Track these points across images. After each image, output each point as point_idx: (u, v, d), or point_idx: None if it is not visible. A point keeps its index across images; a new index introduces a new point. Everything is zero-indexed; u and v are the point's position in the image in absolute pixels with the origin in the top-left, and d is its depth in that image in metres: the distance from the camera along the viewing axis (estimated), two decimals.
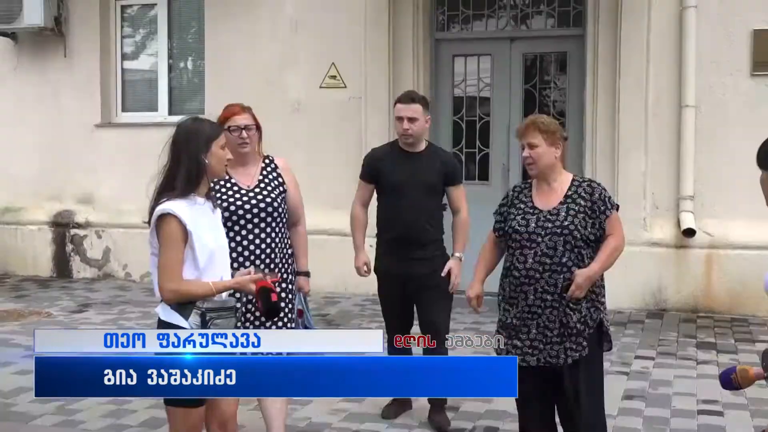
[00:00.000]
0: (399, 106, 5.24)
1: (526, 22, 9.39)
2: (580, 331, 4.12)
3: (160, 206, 3.52)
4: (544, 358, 4.15)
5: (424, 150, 5.29)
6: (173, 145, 3.64)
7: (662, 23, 8.50)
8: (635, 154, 8.58)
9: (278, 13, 9.69)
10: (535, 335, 4.16)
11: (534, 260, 4.13)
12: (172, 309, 3.52)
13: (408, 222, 5.15)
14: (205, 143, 3.60)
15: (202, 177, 3.61)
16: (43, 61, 10.63)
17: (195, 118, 3.82)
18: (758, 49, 8.29)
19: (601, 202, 4.18)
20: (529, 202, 4.27)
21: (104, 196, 10.52)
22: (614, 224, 4.20)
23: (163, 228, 3.50)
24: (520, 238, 4.19)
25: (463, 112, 9.42)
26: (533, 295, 4.14)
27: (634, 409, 5.56)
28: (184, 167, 3.57)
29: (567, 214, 4.13)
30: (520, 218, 4.22)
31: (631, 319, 8.23)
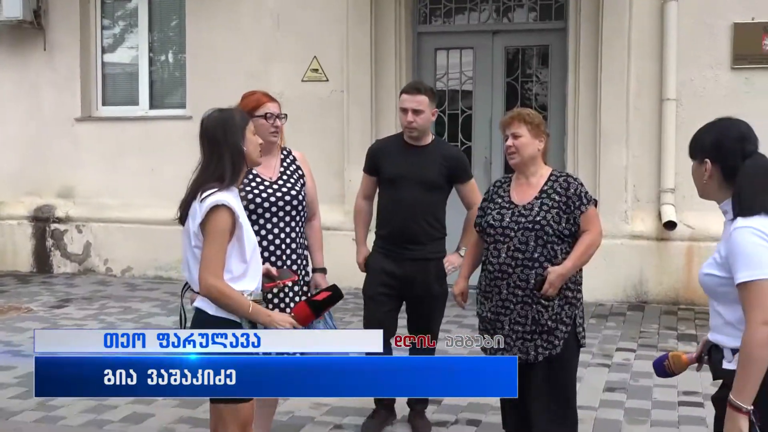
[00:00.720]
0: (404, 96, 4.93)
1: (508, 15, 9.40)
2: (552, 329, 4.13)
3: (212, 198, 3.34)
4: (517, 352, 4.14)
5: (428, 144, 4.99)
6: (209, 138, 3.48)
7: (643, 17, 8.54)
8: (616, 147, 8.61)
9: (260, 7, 9.66)
10: (508, 331, 4.18)
11: (507, 255, 4.15)
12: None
13: (403, 218, 4.87)
14: (241, 131, 3.50)
15: (244, 165, 3.52)
16: (23, 54, 10.56)
17: (220, 108, 3.68)
18: (738, 42, 8.34)
19: (576, 197, 4.18)
20: (507, 196, 4.28)
21: (85, 191, 10.47)
22: (590, 220, 4.17)
23: (215, 220, 3.35)
24: (494, 232, 4.21)
25: (446, 106, 9.42)
26: (506, 290, 4.16)
27: (616, 401, 5.59)
28: (228, 158, 3.43)
29: (540, 209, 4.14)
30: (495, 213, 4.24)
31: (613, 311, 8.27)
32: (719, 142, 2.88)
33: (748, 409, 2.66)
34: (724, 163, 2.86)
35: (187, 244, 3.50)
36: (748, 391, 2.66)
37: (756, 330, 2.65)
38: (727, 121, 2.99)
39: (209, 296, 3.40)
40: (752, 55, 8.33)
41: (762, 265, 2.69)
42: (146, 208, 10.14)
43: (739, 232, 2.74)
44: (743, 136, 2.88)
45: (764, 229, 2.73)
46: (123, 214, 10.25)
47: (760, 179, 2.80)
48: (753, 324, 2.66)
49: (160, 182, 10.09)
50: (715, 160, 2.87)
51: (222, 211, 3.35)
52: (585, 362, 6.38)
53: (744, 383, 2.67)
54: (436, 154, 4.96)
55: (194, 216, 3.41)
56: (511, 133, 4.24)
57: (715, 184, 2.91)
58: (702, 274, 2.92)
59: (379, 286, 4.93)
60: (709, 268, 2.87)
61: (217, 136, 3.46)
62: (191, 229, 3.43)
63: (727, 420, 2.72)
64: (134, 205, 10.22)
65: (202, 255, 3.39)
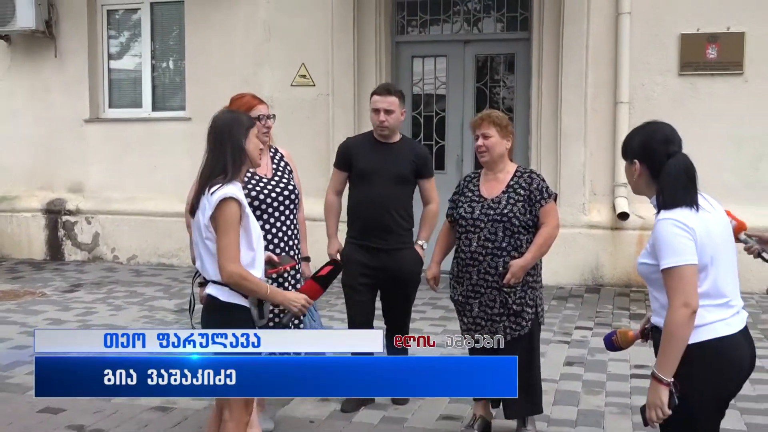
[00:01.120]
0: (376, 98, 4.84)
1: (478, 26, 9.40)
2: (518, 311, 4.16)
3: (220, 191, 3.28)
4: (485, 334, 4.17)
5: (398, 141, 4.91)
6: (216, 134, 3.44)
7: (600, 28, 8.56)
8: (575, 146, 8.64)
9: (252, 18, 9.63)
10: (477, 313, 4.21)
11: (477, 244, 4.18)
12: (233, 291, 3.33)
13: (377, 209, 4.76)
14: (245, 131, 3.45)
15: (245, 162, 3.44)
16: (35, 61, 10.48)
17: (229, 110, 3.68)
18: (685, 51, 8.38)
19: (537, 192, 4.21)
20: (476, 190, 4.31)
21: (93, 186, 10.42)
22: (548, 213, 4.19)
23: (224, 212, 3.28)
24: (465, 223, 4.24)
25: (421, 108, 9.43)
26: (476, 276, 4.19)
27: (575, 374, 5.63)
28: (230, 154, 3.38)
29: (507, 203, 4.17)
30: (467, 206, 4.27)
31: (572, 293, 8.31)
32: (646, 144, 2.91)
33: (668, 381, 2.70)
34: (651, 163, 2.88)
35: (198, 237, 3.42)
36: (669, 366, 2.70)
37: (677, 311, 2.68)
38: (653, 124, 3.02)
39: (231, 282, 3.31)
40: (697, 63, 8.37)
41: (681, 253, 2.71)
42: (149, 201, 10.11)
43: (661, 224, 2.77)
44: (667, 138, 2.91)
45: (684, 220, 2.75)
46: (128, 206, 10.21)
47: (681, 176, 2.82)
48: (674, 306, 2.69)
49: (161, 178, 10.06)
50: (642, 161, 2.90)
51: (230, 203, 3.29)
52: (547, 339, 6.42)
53: (666, 358, 2.71)
54: (406, 151, 4.90)
55: (204, 210, 3.34)
56: (482, 134, 4.25)
57: (643, 182, 2.93)
58: (638, 263, 2.95)
59: (359, 276, 4.83)
60: (643, 257, 2.90)
61: (222, 132, 3.43)
62: (201, 222, 3.36)
63: (650, 390, 2.75)
64: (138, 198, 10.18)
65: (219, 245, 3.31)
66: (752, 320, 7.18)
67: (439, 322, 6.90)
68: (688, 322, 2.68)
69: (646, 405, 2.77)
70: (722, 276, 2.82)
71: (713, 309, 2.77)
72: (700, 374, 2.73)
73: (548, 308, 7.61)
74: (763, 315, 7.42)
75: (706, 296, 2.75)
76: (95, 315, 7.44)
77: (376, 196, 4.78)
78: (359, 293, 4.88)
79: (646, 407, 2.77)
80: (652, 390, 2.74)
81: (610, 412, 4.87)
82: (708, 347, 2.74)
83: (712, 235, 2.79)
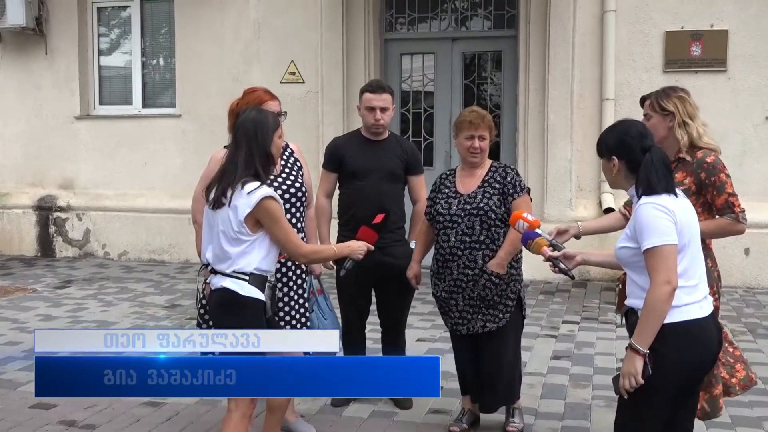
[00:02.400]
0: (370, 95, 4.68)
1: (465, 23, 9.40)
2: (497, 302, 4.18)
3: (259, 191, 3.41)
4: (473, 326, 4.23)
5: (387, 138, 4.78)
6: (243, 135, 3.52)
7: (585, 25, 8.58)
8: (562, 142, 8.66)
9: (242, 15, 9.60)
10: (463, 306, 4.22)
11: (456, 239, 4.19)
12: (250, 284, 3.43)
13: (370, 207, 4.45)
14: (271, 134, 3.54)
15: (272, 165, 3.58)
16: (26, 58, 10.41)
17: (258, 109, 3.74)
18: (670, 48, 8.41)
19: (510, 185, 4.23)
20: (453, 187, 4.32)
21: (84, 182, 10.37)
22: (521, 206, 4.12)
23: (270, 207, 3.44)
24: (443, 219, 4.25)
25: (410, 105, 9.43)
26: (457, 271, 4.20)
27: (562, 368, 5.63)
28: (258, 159, 3.49)
29: (483, 197, 4.18)
30: (443, 202, 4.28)
31: (559, 288, 8.33)
32: (622, 140, 3.05)
33: (645, 352, 2.83)
34: (628, 158, 3.02)
35: (221, 230, 3.47)
36: (646, 338, 2.83)
37: (659, 287, 2.81)
38: (625, 122, 3.17)
39: (311, 262, 3.76)
40: (681, 60, 8.41)
41: (663, 233, 2.84)
42: (140, 198, 10.07)
43: (643, 207, 2.90)
44: (641, 134, 3.05)
45: (664, 203, 2.89)
46: (119, 203, 10.16)
47: (660, 166, 2.96)
48: (656, 282, 2.82)
49: (152, 174, 10.03)
50: (620, 156, 3.04)
51: (271, 201, 3.44)
52: (534, 333, 6.43)
53: (644, 331, 2.84)
54: (396, 148, 4.80)
55: (236, 208, 3.42)
56: (479, 136, 4.26)
57: (621, 176, 3.06)
58: (617, 248, 3.05)
59: (353, 275, 4.59)
60: (623, 242, 3.01)
61: (249, 133, 3.51)
62: (233, 219, 3.43)
63: (626, 361, 2.88)
64: (129, 195, 10.14)
65: (278, 239, 3.48)
66: (736, 314, 7.22)
67: (428, 317, 6.91)
68: (669, 298, 2.81)
69: (621, 374, 2.90)
70: (695, 260, 2.96)
71: (689, 290, 2.91)
72: (672, 353, 2.85)
73: (535, 303, 7.62)
74: (747, 309, 7.45)
75: (682, 277, 2.87)
76: (86, 311, 7.41)
77: (369, 194, 4.65)
78: (354, 292, 4.81)
79: (621, 376, 2.90)
80: (628, 360, 2.87)
81: (597, 405, 4.89)
82: (681, 328, 2.87)
83: (688, 220, 2.95)
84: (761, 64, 8.30)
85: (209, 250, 3.55)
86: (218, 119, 9.56)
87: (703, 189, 3.63)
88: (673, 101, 3.77)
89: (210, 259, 3.55)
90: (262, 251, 3.47)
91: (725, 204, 3.61)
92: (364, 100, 4.75)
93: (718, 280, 3.76)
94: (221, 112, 10.88)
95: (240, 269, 3.44)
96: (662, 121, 3.75)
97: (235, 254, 3.44)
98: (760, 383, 5.19)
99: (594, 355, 5.87)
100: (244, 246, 3.44)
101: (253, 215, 3.41)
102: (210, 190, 3.56)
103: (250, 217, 3.41)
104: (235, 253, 3.44)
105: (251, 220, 3.42)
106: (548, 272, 8.52)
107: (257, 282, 3.46)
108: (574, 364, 5.72)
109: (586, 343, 6.23)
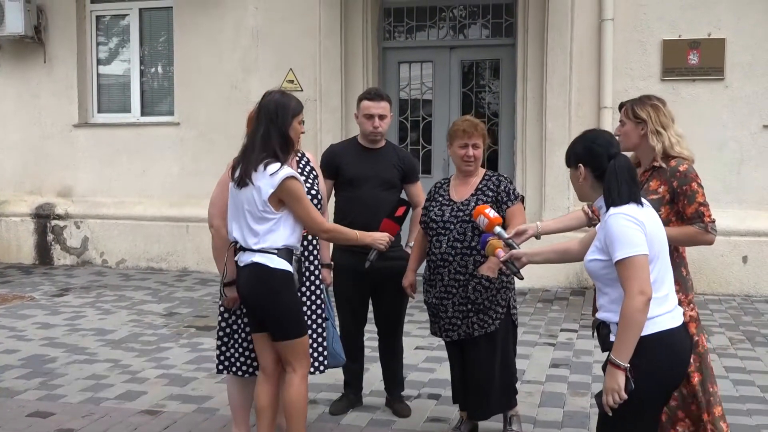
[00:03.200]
0: (369, 103, 4.69)
1: (463, 32, 9.41)
2: (487, 308, 4.17)
3: (281, 172, 3.60)
4: (463, 332, 4.22)
5: (383, 147, 4.81)
6: (265, 114, 3.71)
7: (583, 34, 8.59)
8: (560, 151, 8.60)
9: (241, 24, 9.61)
10: (452, 313, 4.22)
11: (447, 245, 4.20)
12: (279, 257, 3.63)
13: (366, 214, 4.51)
14: (291, 118, 3.73)
15: (291, 148, 3.75)
16: (25, 66, 10.42)
17: (282, 91, 3.89)
18: (667, 57, 8.43)
19: (504, 193, 4.25)
20: (446, 195, 4.35)
21: (82, 190, 10.36)
22: (515, 214, 4.19)
23: (293, 187, 3.63)
24: (436, 226, 4.26)
25: (408, 113, 9.44)
26: (447, 277, 4.20)
27: (560, 376, 5.63)
28: (277, 142, 3.66)
29: (476, 204, 4.18)
30: (437, 209, 4.30)
31: (557, 296, 8.32)
32: (589, 148, 3.02)
33: (625, 366, 2.78)
34: (595, 165, 2.98)
35: (246, 209, 3.66)
36: (626, 351, 2.78)
37: (634, 298, 2.77)
38: (593, 131, 3.19)
39: (330, 238, 3.94)
40: (679, 68, 8.42)
41: (634, 244, 2.81)
42: (138, 206, 10.07)
43: (612, 218, 2.87)
44: (608, 142, 3.04)
45: (633, 214, 2.86)
46: (117, 211, 10.15)
47: (625, 174, 2.92)
48: (631, 294, 2.78)
49: (150, 182, 10.03)
50: (586, 164, 3.00)
51: (294, 181, 3.63)
52: (532, 341, 6.43)
53: (623, 344, 2.79)
54: (392, 156, 4.83)
55: (260, 189, 3.60)
56: (473, 144, 4.28)
57: (588, 185, 3.04)
58: (587, 261, 3.02)
59: (350, 283, 4.73)
60: (592, 254, 2.98)
61: (270, 113, 3.69)
62: (257, 198, 3.61)
63: (608, 377, 2.83)
64: (127, 203, 10.13)
65: (301, 216, 3.68)
66: (734, 322, 7.21)
67: (426, 325, 6.88)
68: (644, 308, 2.78)
69: (604, 391, 2.85)
70: (664, 270, 2.94)
71: (660, 301, 2.88)
72: (649, 366, 2.82)
73: (533, 311, 7.61)
74: (745, 317, 7.45)
75: (654, 288, 2.83)
76: (84, 319, 7.39)
77: (366, 202, 4.66)
78: (351, 300, 4.81)
79: (603, 393, 2.85)
80: (609, 376, 2.82)
81: (595, 413, 4.82)
82: (655, 340, 2.84)
83: (656, 231, 2.92)
84: (758, 73, 8.31)
85: (235, 228, 3.72)
86: (217, 127, 9.62)
87: (675, 198, 3.63)
88: (646, 109, 3.79)
89: (237, 236, 3.71)
90: (287, 228, 3.67)
91: (695, 213, 3.60)
92: (362, 107, 4.76)
93: (692, 289, 3.74)
94: (220, 119, 10.97)
95: (269, 246, 3.64)
96: (635, 129, 3.78)
97: (262, 231, 3.63)
98: (758, 392, 5.20)
99: (592, 363, 5.85)
100: (270, 224, 3.63)
101: (276, 195, 3.60)
102: (235, 170, 3.71)
103: (273, 197, 3.60)
104: (262, 230, 3.64)
105: (275, 199, 3.61)
106: (546, 280, 8.62)
107: (285, 255, 3.66)
108: (572, 372, 5.70)
109: (584, 351, 6.22)
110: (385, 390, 4.99)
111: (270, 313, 3.70)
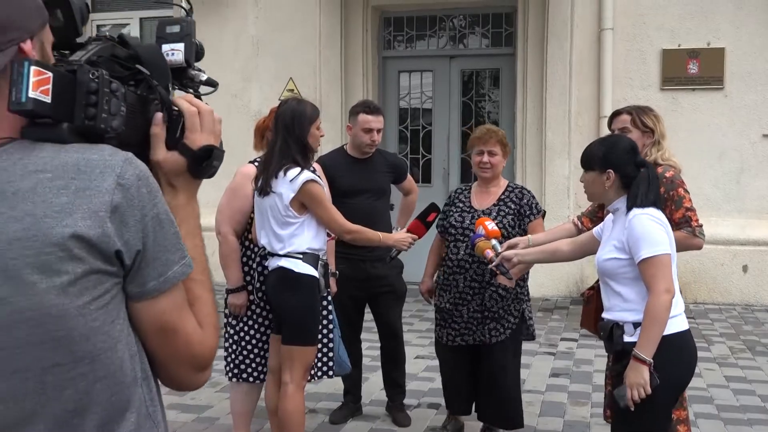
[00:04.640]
0: (368, 117, 4.65)
1: (463, 41, 9.43)
2: (500, 316, 4.18)
3: (301, 176, 3.66)
4: (478, 337, 4.23)
5: (372, 155, 4.81)
6: (282, 124, 3.77)
7: (583, 43, 8.61)
8: (559, 160, 8.67)
9: (241, 33, 9.63)
10: (468, 318, 4.22)
11: (465, 252, 4.21)
12: (304, 262, 3.70)
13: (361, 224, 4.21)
14: (308, 125, 3.78)
15: (309, 154, 3.82)
16: None
17: (298, 99, 3.94)
18: (666, 66, 8.45)
19: (527, 207, 4.27)
20: (468, 202, 4.35)
21: None
22: (536, 228, 4.24)
23: (315, 191, 3.71)
24: (455, 232, 4.27)
25: (408, 122, 9.45)
26: (463, 283, 4.21)
27: (560, 385, 5.62)
28: (295, 147, 3.73)
29: (497, 214, 4.20)
30: (457, 215, 4.31)
31: (557, 305, 8.32)
32: (618, 155, 3.08)
33: (650, 361, 2.85)
34: (623, 172, 3.06)
35: (270, 215, 3.74)
36: (651, 347, 2.85)
37: (659, 296, 2.85)
38: (614, 137, 3.33)
39: (354, 240, 3.96)
40: (678, 78, 8.43)
41: (659, 243, 2.90)
42: None
43: (637, 219, 2.94)
44: (633, 148, 3.13)
45: (658, 215, 2.96)
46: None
47: (656, 182, 3.04)
48: (657, 292, 2.85)
49: None
50: (617, 170, 3.06)
51: (314, 184, 3.71)
52: (532, 351, 6.42)
53: (648, 340, 2.86)
54: (382, 164, 4.86)
55: (281, 194, 3.68)
56: (488, 151, 4.30)
57: (613, 189, 3.09)
58: (602, 260, 3.08)
59: (347, 291, 4.70)
60: (611, 253, 3.03)
61: (287, 124, 3.75)
62: (279, 204, 3.69)
63: (632, 372, 2.88)
64: None
65: (324, 219, 3.76)
66: (734, 331, 7.20)
67: (426, 334, 6.89)
68: (670, 306, 2.87)
69: (628, 385, 2.89)
70: (675, 273, 3.01)
71: (676, 302, 2.95)
72: (667, 364, 2.88)
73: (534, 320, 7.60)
74: (745, 326, 7.44)
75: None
76: None
77: (360, 210, 4.61)
78: (347, 308, 4.80)
79: (628, 387, 2.88)
80: (634, 371, 2.87)
81: (596, 422, 4.86)
82: (674, 339, 2.92)
83: (672, 234, 3.02)
84: (758, 82, 8.33)
85: (262, 235, 3.81)
86: None
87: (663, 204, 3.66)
88: (652, 119, 3.87)
89: (264, 242, 3.79)
90: (311, 231, 3.75)
91: (683, 218, 3.66)
92: (360, 121, 4.70)
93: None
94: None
95: (294, 250, 3.71)
96: (641, 138, 3.83)
97: (286, 236, 3.71)
98: (759, 401, 5.19)
99: (593, 373, 5.85)
100: (293, 228, 3.71)
101: (297, 199, 3.67)
102: (257, 179, 3.80)
103: (295, 201, 3.68)
104: (286, 234, 3.71)
105: (296, 204, 3.69)
106: (547, 289, 8.62)
107: (310, 260, 3.73)
108: (572, 382, 5.70)
109: (584, 360, 6.21)
110: (387, 397, 4.98)
111: (287, 313, 3.76)
